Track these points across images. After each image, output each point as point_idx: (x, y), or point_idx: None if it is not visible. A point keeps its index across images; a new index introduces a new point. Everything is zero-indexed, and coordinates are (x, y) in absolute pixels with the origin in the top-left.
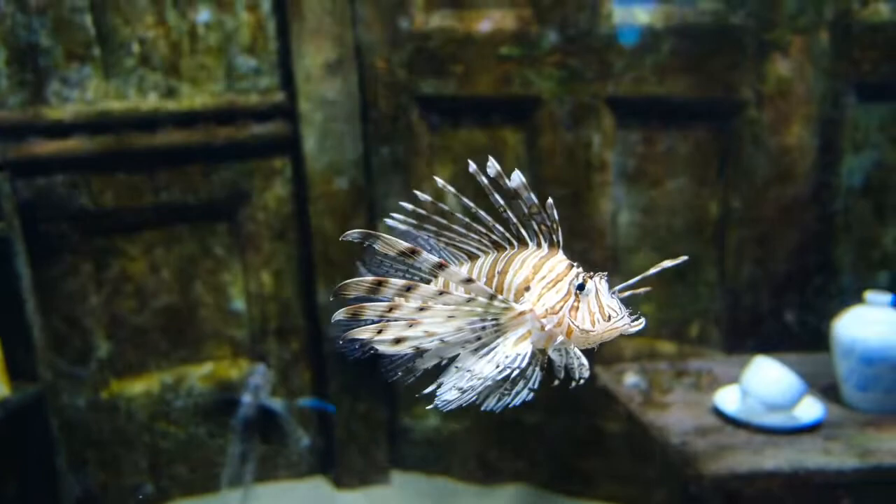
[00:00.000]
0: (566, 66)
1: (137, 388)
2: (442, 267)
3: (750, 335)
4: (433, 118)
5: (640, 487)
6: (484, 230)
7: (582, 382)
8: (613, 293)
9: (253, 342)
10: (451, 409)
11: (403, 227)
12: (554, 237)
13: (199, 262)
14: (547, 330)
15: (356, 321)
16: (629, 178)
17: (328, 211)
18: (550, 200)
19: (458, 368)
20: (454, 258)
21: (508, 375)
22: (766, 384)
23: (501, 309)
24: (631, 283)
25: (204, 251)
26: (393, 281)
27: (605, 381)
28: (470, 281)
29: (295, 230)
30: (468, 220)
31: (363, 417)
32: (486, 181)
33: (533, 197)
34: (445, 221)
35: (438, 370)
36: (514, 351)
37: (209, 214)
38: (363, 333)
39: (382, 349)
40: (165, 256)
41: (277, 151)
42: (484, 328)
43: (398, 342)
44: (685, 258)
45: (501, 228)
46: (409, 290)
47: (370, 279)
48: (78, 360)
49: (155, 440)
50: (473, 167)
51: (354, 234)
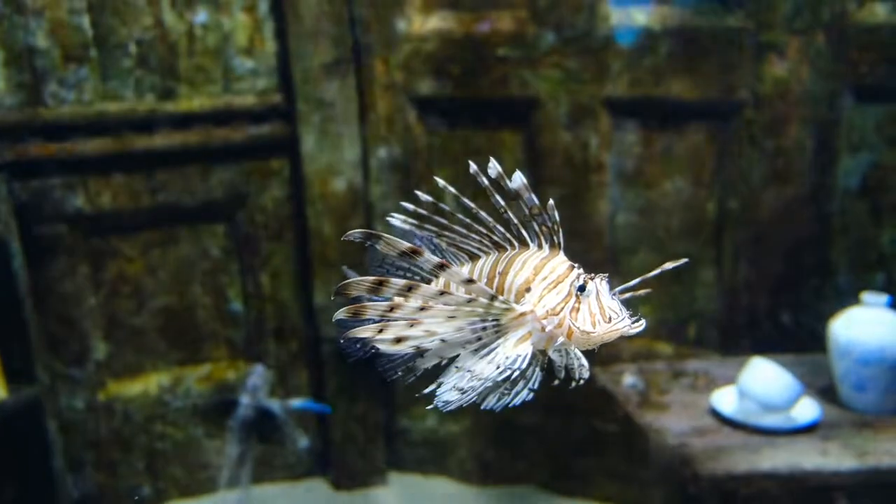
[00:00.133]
0: (564, 67)
1: (135, 389)
2: (443, 267)
3: (747, 336)
4: (431, 119)
5: (637, 488)
6: (485, 231)
7: (582, 383)
8: (614, 295)
9: (250, 343)
10: (450, 409)
11: (406, 226)
12: (555, 238)
13: (196, 263)
14: (548, 331)
15: (357, 321)
16: (627, 178)
17: (326, 212)
18: (552, 201)
19: (458, 368)
20: (455, 258)
21: (509, 376)
22: (763, 385)
23: (502, 310)
24: (631, 284)
25: (201, 252)
26: (394, 281)
27: (602, 381)
28: (471, 282)
29: (293, 231)
30: (469, 220)
31: (361, 418)
32: (486, 182)
33: (534, 198)
34: (446, 222)
35: (438, 371)
36: (514, 352)
37: (207, 216)
38: (364, 332)
39: (383, 348)
40: (163, 258)
41: (275, 153)
42: (485, 328)
43: (399, 341)
44: (686, 260)
45: (502, 229)
46: (409, 289)
47: (371, 279)
48: (75, 361)
49: (152, 441)
50: (474, 168)
51: (356, 233)
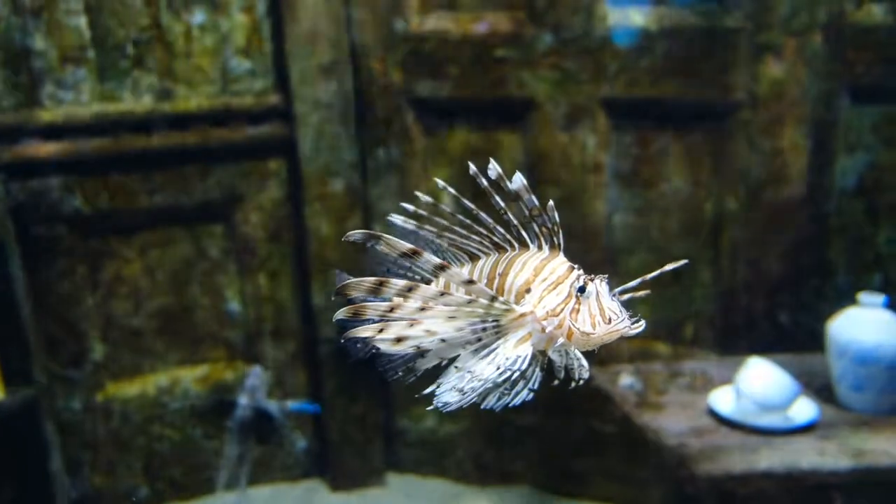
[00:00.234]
0: (561, 67)
1: (133, 390)
2: (443, 268)
3: (744, 336)
4: (428, 120)
5: (635, 488)
6: (485, 232)
7: (581, 383)
8: (614, 295)
9: (248, 344)
10: (450, 410)
11: (407, 226)
12: (555, 239)
13: (194, 264)
14: (548, 332)
15: (357, 321)
16: (624, 179)
17: (323, 213)
18: (551, 202)
19: (457, 369)
20: (455, 259)
21: (509, 377)
22: (760, 385)
23: (502, 311)
24: (631, 285)
25: (199, 253)
26: (394, 281)
27: (600, 382)
28: (471, 282)
29: (290, 232)
30: (468, 221)
31: (359, 419)
32: (486, 183)
33: (534, 199)
34: (446, 222)
35: (437, 371)
36: (514, 353)
37: (204, 216)
38: (364, 332)
39: (383, 348)
40: (160, 258)
41: (272, 153)
42: (485, 329)
43: (399, 341)
44: (686, 261)
45: (502, 230)
46: (410, 290)
47: (371, 279)
48: (73, 362)
49: (150, 443)
50: (474, 169)
51: (357, 234)
